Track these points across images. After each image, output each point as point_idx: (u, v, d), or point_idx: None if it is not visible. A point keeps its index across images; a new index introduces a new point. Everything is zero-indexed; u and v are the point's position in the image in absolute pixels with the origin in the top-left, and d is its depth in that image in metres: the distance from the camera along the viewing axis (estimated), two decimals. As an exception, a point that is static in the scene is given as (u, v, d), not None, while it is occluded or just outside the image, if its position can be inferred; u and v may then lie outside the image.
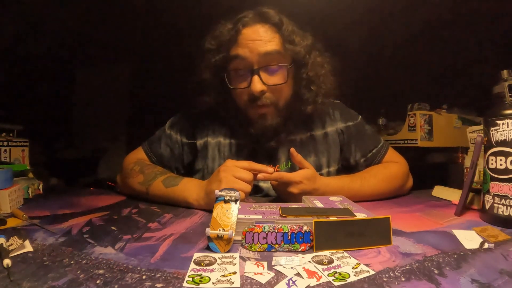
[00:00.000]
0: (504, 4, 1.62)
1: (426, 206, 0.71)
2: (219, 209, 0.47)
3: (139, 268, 0.37)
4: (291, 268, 0.37)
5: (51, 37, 2.14)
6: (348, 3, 1.79)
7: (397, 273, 0.36)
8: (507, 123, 0.53)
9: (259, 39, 0.73)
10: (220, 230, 0.43)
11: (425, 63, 2.16)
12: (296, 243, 0.43)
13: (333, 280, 0.34)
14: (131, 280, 0.34)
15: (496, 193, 0.54)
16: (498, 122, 0.54)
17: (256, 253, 0.42)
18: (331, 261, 0.39)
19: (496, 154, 0.55)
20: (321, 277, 0.35)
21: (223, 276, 0.35)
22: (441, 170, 1.81)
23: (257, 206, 0.55)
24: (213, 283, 0.33)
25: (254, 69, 0.73)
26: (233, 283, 0.33)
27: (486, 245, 0.44)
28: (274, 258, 0.39)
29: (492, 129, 0.55)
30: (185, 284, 0.33)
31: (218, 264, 0.38)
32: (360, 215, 0.48)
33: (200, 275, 0.35)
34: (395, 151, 0.90)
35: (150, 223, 0.57)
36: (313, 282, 0.34)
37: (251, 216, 0.47)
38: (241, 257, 0.40)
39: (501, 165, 0.54)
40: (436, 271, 0.36)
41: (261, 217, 0.47)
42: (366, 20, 1.90)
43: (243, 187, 0.62)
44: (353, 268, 0.37)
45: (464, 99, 2.06)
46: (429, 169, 1.79)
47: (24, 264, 0.38)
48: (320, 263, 0.38)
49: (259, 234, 0.43)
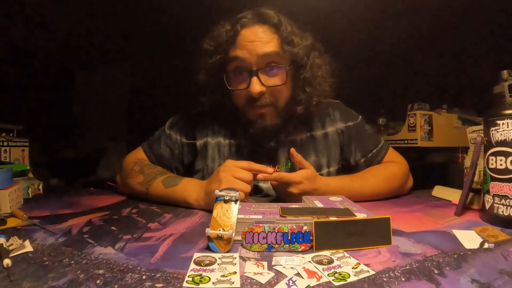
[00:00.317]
0: (504, 4, 1.62)
1: (426, 206, 0.71)
2: (219, 209, 0.47)
3: (139, 268, 0.37)
4: (291, 268, 0.37)
5: (51, 37, 2.15)
6: (348, 3, 1.79)
7: (397, 273, 0.36)
8: (507, 123, 0.53)
9: (257, 40, 0.73)
10: (220, 230, 0.43)
11: (425, 63, 2.16)
12: (296, 243, 0.43)
13: (333, 280, 0.34)
14: (131, 280, 0.34)
15: (496, 193, 0.54)
16: (498, 122, 0.54)
17: (256, 253, 0.42)
18: (331, 261, 0.39)
19: (496, 154, 0.55)
20: (321, 277, 0.35)
21: (223, 276, 0.35)
22: (441, 170, 1.81)
23: (257, 206, 0.55)
24: (213, 283, 0.33)
25: (253, 70, 0.73)
26: (233, 283, 0.33)
27: (486, 245, 0.44)
28: (274, 258, 0.39)
29: (492, 129, 0.55)
30: (185, 284, 0.33)
31: (218, 264, 0.38)
32: (360, 215, 0.48)
33: (200, 275, 0.35)
34: (395, 151, 0.90)
35: (150, 223, 0.57)
36: (313, 282, 0.34)
37: (251, 216, 0.47)
38: (241, 257, 0.40)
39: (501, 165, 0.54)
40: (436, 271, 0.36)
41: (261, 217, 0.47)
42: (366, 20, 1.90)
43: (243, 187, 0.62)
44: (353, 268, 0.37)
45: (464, 99, 2.06)
46: (429, 169, 1.80)
47: (24, 264, 0.38)
48: (320, 263, 0.38)
49: (259, 234, 0.43)
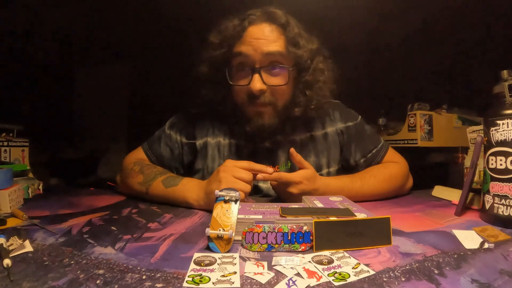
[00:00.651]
0: (504, 3, 1.62)
1: (426, 206, 0.71)
2: (219, 209, 0.47)
3: (139, 268, 0.37)
4: (291, 268, 0.37)
5: (51, 37, 2.14)
6: (348, 3, 1.79)
7: (397, 273, 0.36)
8: (507, 123, 0.53)
9: (263, 38, 0.73)
10: (220, 230, 0.43)
11: (425, 63, 2.16)
12: (296, 243, 0.43)
13: (333, 280, 0.34)
14: (131, 280, 0.34)
15: (496, 193, 0.54)
16: (498, 122, 0.54)
17: (256, 253, 0.42)
18: (331, 261, 0.39)
19: (496, 154, 0.55)
20: (321, 277, 0.35)
21: (223, 276, 0.35)
22: (441, 170, 1.81)
23: (257, 206, 0.55)
24: (213, 283, 0.33)
25: (256, 67, 0.73)
26: (233, 283, 0.33)
27: (486, 245, 0.44)
28: (274, 258, 0.39)
29: (492, 129, 0.55)
30: (185, 284, 0.33)
31: (218, 264, 0.38)
32: (360, 215, 0.48)
33: (200, 275, 0.35)
34: (395, 151, 0.90)
35: (150, 223, 0.57)
36: (313, 282, 0.34)
37: (251, 216, 0.47)
38: (241, 257, 0.40)
39: (501, 165, 0.54)
40: (436, 271, 0.36)
41: (261, 217, 0.47)
42: (366, 20, 1.90)
43: (242, 187, 0.62)
44: (353, 268, 0.37)
45: (464, 99, 2.06)
46: (429, 169, 1.79)
47: (24, 264, 0.38)
48: (320, 263, 0.38)
49: (259, 234, 0.43)
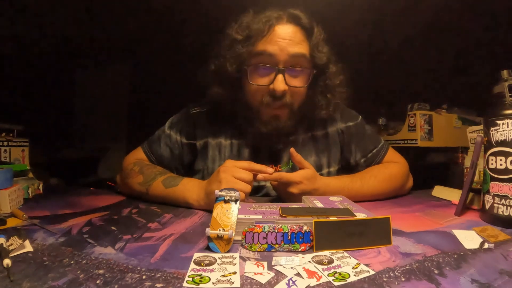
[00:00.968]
0: (504, 3, 1.62)
1: (426, 206, 0.71)
2: (219, 209, 0.47)
3: (139, 268, 0.37)
4: (291, 268, 0.37)
5: (51, 37, 2.14)
6: (348, 3, 1.79)
7: (397, 273, 0.36)
8: (507, 123, 0.53)
9: (289, 39, 0.72)
10: (220, 230, 0.43)
11: (425, 63, 2.16)
12: (296, 243, 0.43)
13: (333, 280, 0.34)
14: (131, 280, 0.34)
15: (496, 193, 0.54)
16: (498, 122, 0.54)
17: (256, 253, 0.42)
18: (331, 261, 0.39)
19: (496, 154, 0.55)
20: (321, 277, 0.35)
21: (223, 276, 0.35)
22: (441, 170, 1.81)
23: (257, 206, 0.55)
24: (213, 283, 0.33)
25: (280, 68, 0.72)
26: (233, 283, 0.33)
27: (486, 245, 0.44)
28: (274, 258, 0.39)
29: (492, 129, 0.55)
30: (185, 284, 0.33)
31: (218, 264, 0.38)
32: (360, 215, 0.48)
33: (200, 275, 0.35)
34: (395, 151, 0.90)
35: (150, 223, 0.57)
36: (313, 282, 0.34)
37: (251, 216, 0.47)
38: (241, 257, 0.40)
39: (501, 165, 0.54)
40: (436, 271, 0.36)
41: (261, 217, 0.47)
42: (366, 20, 1.90)
43: (242, 187, 0.62)
44: (353, 268, 0.37)
45: (464, 99, 2.06)
46: (429, 169, 1.79)
47: (24, 264, 0.38)
48: (320, 263, 0.38)
49: (259, 234, 0.43)
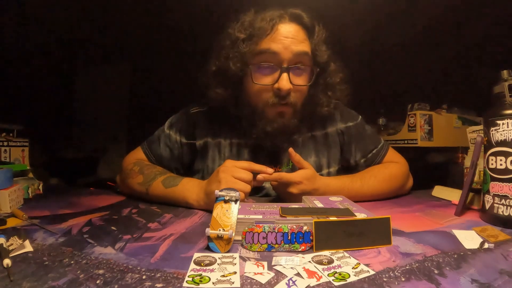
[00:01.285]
0: (504, 3, 1.62)
1: (426, 206, 0.71)
2: (219, 209, 0.47)
3: (139, 268, 0.37)
4: (291, 268, 0.37)
5: (51, 36, 2.15)
6: (348, 3, 1.79)
7: (397, 273, 0.36)
8: (507, 123, 0.53)
9: (293, 37, 0.73)
10: (220, 230, 0.43)
11: (425, 63, 2.16)
12: (296, 243, 0.43)
13: (333, 280, 0.34)
14: (131, 280, 0.34)
15: (496, 193, 0.54)
16: (498, 122, 0.54)
17: (256, 253, 0.42)
18: (331, 261, 0.39)
19: (496, 154, 0.55)
20: (321, 277, 0.35)
21: (223, 276, 0.35)
22: (441, 170, 1.81)
23: (257, 206, 0.55)
24: (213, 283, 0.33)
25: (284, 66, 0.72)
26: (233, 283, 0.33)
27: (486, 245, 0.44)
28: (274, 258, 0.39)
29: (492, 129, 0.55)
30: (185, 284, 0.33)
31: (218, 264, 0.38)
32: (360, 215, 0.48)
33: (200, 275, 0.35)
34: (395, 151, 0.90)
35: (150, 223, 0.57)
36: (313, 282, 0.34)
37: (251, 216, 0.47)
38: (241, 257, 0.40)
39: (501, 165, 0.54)
40: (436, 271, 0.36)
41: (261, 217, 0.47)
42: (365, 20, 1.90)
43: (242, 187, 0.62)
44: (353, 268, 0.37)
45: (464, 99, 2.06)
46: (429, 169, 1.79)
47: (24, 264, 0.38)
48: (320, 263, 0.38)
49: (259, 234, 0.43)
